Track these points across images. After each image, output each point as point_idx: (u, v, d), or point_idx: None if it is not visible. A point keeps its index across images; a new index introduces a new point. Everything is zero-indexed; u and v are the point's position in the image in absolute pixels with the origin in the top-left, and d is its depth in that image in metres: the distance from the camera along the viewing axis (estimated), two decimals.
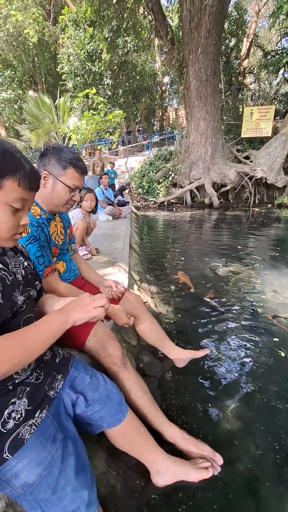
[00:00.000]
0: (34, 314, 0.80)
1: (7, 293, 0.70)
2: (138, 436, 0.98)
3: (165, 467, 1.01)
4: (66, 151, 1.19)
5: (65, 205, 1.25)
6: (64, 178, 1.18)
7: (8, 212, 0.67)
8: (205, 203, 9.89)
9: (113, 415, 0.91)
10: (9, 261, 0.77)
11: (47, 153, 1.20)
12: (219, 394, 1.56)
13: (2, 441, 0.64)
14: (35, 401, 0.73)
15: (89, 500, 0.68)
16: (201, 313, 2.41)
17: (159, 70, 16.90)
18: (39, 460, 0.66)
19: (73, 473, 0.68)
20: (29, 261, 0.90)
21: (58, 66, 14.18)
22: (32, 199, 0.73)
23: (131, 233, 4.47)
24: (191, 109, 9.22)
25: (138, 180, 10.83)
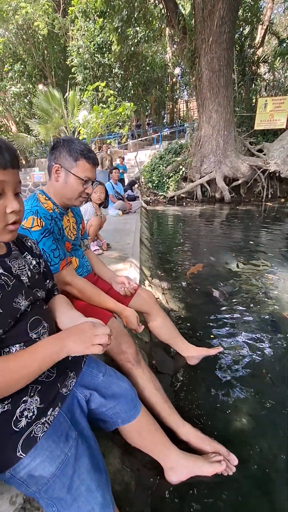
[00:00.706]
0: (41, 316, 0.77)
1: (7, 301, 0.66)
2: (152, 432, 0.98)
3: (179, 463, 1.00)
4: (76, 143, 1.18)
5: (78, 198, 1.23)
6: (76, 170, 1.16)
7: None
8: (216, 197, 9.74)
9: (127, 411, 0.91)
10: (12, 264, 0.73)
11: (58, 146, 1.19)
12: (231, 392, 1.54)
13: (16, 440, 0.64)
14: (47, 399, 0.72)
15: (104, 501, 0.67)
16: (212, 309, 2.38)
17: (170, 61, 16.55)
18: (53, 458, 0.65)
19: (87, 473, 0.67)
20: (39, 259, 0.87)
21: (68, 59, 14.09)
22: (12, 178, 0.63)
23: (142, 228, 4.44)
24: (203, 101, 9.03)
25: (148, 175, 10.74)
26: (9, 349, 0.67)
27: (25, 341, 0.69)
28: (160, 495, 1.01)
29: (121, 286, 1.48)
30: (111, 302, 1.29)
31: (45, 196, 1.23)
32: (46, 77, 17.22)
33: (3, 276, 0.68)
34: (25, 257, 0.80)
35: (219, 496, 1.03)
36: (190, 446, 1.16)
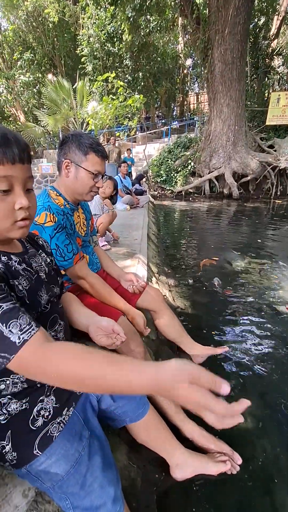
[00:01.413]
0: (58, 314, 0.78)
1: (33, 294, 0.67)
2: (159, 430, 1.00)
3: (184, 461, 1.02)
4: (85, 137, 1.17)
5: (89, 193, 1.23)
6: (86, 164, 1.16)
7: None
8: (224, 193, 9.64)
9: (135, 410, 0.92)
10: (31, 260, 0.74)
11: (67, 141, 1.18)
12: (236, 392, 1.55)
13: (32, 438, 0.66)
14: (62, 399, 0.73)
15: (115, 496, 0.69)
16: (218, 308, 2.38)
17: (182, 52, 16.20)
18: (67, 457, 0.67)
19: (100, 470, 0.69)
20: (52, 256, 0.88)
21: (78, 48, 13.88)
22: (22, 174, 0.60)
23: (149, 223, 4.43)
24: (215, 94, 8.86)
25: (156, 169, 10.65)
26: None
27: None
28: (165, 491, 1.03)
29: (130, 284, 1.49)
30: (121, 302, 1.30)
31: (56, 192, 1.23)
32: (56, 66, 17.04)
33: (26, 271, 0.69)
34: (40, 254, 0.81)
35: (222, 493, 1.05)
36: (195, 444, 1.17)
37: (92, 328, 0.82)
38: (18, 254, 0.70)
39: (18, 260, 0.68)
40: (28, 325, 0.54)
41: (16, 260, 0.67)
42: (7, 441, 0.65)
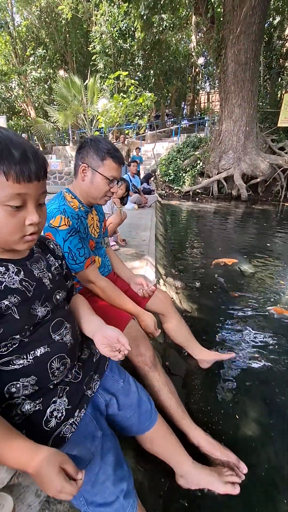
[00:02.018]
0: (63, 317, 0.77)
1: (25, 308, 0.66)
2: (166, 442, 1.00)
3: (191, 474, 1.02)
4: (103, 142, 1.18)
5: (104, 197, 1.25)
6: (103, 170, 1.18)
7: (4, 213, 0.56)
8: (233, 195, 9.56)
9: (142, 423, 0.92)
10: (33, 267, 0.72)
11: (85, 145, 1.20)
12: (241, 398, 1.55)
13: (46, 438, 0.67)
14: (74, 400, 0.75)
15: (127, 490, 0.71)
16: (225, 312, 2.38)
17: (194, 51, 16.06)
18: (80, 457, 0.69)
19: (111, 469, 0.71)
20: (61, 261, 0.86)
21: (90, 45, 13.86)
22: (36, 191, 0.60)
23: (156, 223, 4.43)
24: (226, 94, 8.77)
25: (164, 168, 10.62)
26: (34, 351, 0.68)
27: (48, 343, 0.71)
28: (171, 496, 1.05)
29: (140, 288, 1.50)
30: (131, 305, 1.31)
31: (71, 195, 1.25)
32: (67, 62, 17.06)
33: (24, 282, 0.68)
34: (48, 258, 0.80)
35: (227, 500, 1.06)
36: (200, 450, 1.18)
37: (98, 336, 0.81)
38: (19, 261, 0.69)
39: (16, 270, 0.67)
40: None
41: (14, 271, 0.66)
42: None
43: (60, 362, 0.73)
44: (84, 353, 0.86)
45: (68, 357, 0.75)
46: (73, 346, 0.78)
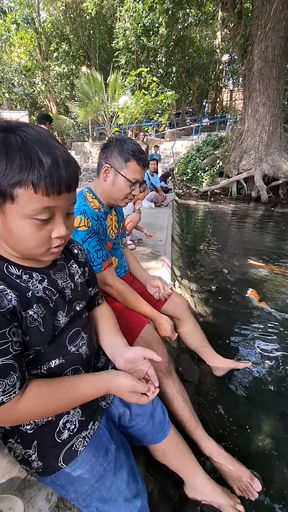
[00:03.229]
0: (80, 327, 0.73)
1: (49, 319, 0.63)
2: (178, 454, 0.96)
3: (201, 487, 0.99)
4: (129, 143, 1.15)
5: (124, 199, 1.22)
6: (125, 172, 1.15)
7: (31, 226, 0.52)
8: (252, 196, 9.31)
9: (154, 434, 0.89)
10: (57, 276, 0.68)
11: (110, 145, 1.17)
12: (256, 410, 1.50)
13: (58, 451, 0.65)
14: (88, 412, 0.72)
15: (142, 506, 0.69)
16: (241, 318, 2.31)
17: (218, 47, 15.71)
18: (92, 472, 0.67)
19: (125, 485, 0.68)
20: (84, 267, 0.81)
21: (113, 41, 13.86)
22: (66, 203, 0.55)
23: (173, 223, 4.38)
24: (251, 92, 8.53)
25: (183, 167, 10.49)
26: (49, 363, 0.65)
27: (64, 355, 0.68)
28: (181, 506, 1.02)
29: (156, 291, 1.47)
30: (148, 308, 1.28)
31: (92, 195, 1.23)
32: (90, 58, 17.16)
33: (47, 291, 0.64)
34: (71, 266, 0.74)
35: None
36: (212, 462, 1.15)
37: (120, 363, 0.76)
38: (43, 270, 0.65)
39: (40, 278, 0.63)
40: (12, 387, 0.53)
41: (37, 279, 0.63)
42: (33, 450, 0.65)
43: (74, 374, 0.70)
44: (100, 360, 0.84)
45: (83, 368, 0.72)
46: (88, 357, 0.74)
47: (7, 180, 0.48)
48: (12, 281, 0.58)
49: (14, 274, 0.59)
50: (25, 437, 0.66)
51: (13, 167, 0.47)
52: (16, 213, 0.51)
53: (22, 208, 0.50)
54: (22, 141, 0.48)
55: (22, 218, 0.51)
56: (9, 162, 0.47)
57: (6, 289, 0.55)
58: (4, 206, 0.50)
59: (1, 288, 0.55)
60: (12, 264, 0.59)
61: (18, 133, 0.49)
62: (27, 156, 0.47)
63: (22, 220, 0.51)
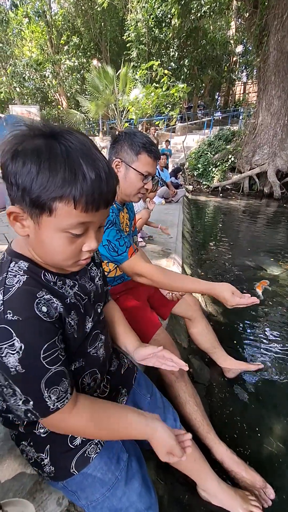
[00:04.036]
0: (99, 329, 0.72)
1: (81, 326, 0.63)
2: (189, 460, 0.93)
3: (214, 491, 0.97)
4: (139, 136, 1.12)
5: (137, 194, 1.19)
6: (137, 165, 1.11)
7: (64, 240, 0.51)
8: (265, 192, 9.10)
9: None
10: (82, 281, 0.67)
11: (119, 139, 1.13)
12: (268, 414, 1.46)
13: (70, 457, 0.65)
14: None
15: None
16: (254, 319, 2.26)
17: (232, 38, 15.27)
18: (103, 480, 0.65)
19: (136, 495, 0.67)
20: (100, 268, 0.80)
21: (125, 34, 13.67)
22: (101, 218, 0.53)
23: (183, 220, 4.32)
24: (265, 85, 8.27)
25: (194, 161, 10.33)
26: (70, 366, 0.64)
27: (84, 358, 0.67)
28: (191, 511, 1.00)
29: (168, 291, 1.44)
30: (194, 283, 1.07)
31: None
32: (101, 51, 17.01)
33: (78, 296, 0.63)
34: (91, 268, 0.74)
35: None
36: (223, 467, 1.13)
37: (138, 358, 0.82)
38: (72, 276, 0.64)
39: (72, 283, 0.62)
40: (65, 392, 0.54)
41: (69, 285, 0.62)
42: (45, 454, 0.65)
43: (91, 377, 0.69)
44: (113, 364, 0.83)
45: (99, 372, 0.72)
46: (104, 359, 0.74)
47: (48, 193, 0.45)
48: (52, 289, 0.57)
49: (51, 282, 0.58)
50: (38, 440, 0.66)
51: (56, 180, 0.44)
52: (51, 225, 0.49)
53: (59, 221, 0.48)
54: (66, 152, 0.45)
55: (56, 231, 0.49)
56: (52, 174, 0.44)
57: (52, 298, 0.55)
58: (40, 217, 0.48)
59: (48, 297, 0.54)
60: (47, 271, 0.58)
61: (62, 141, 0.46)
62: (71, 170, 0.45)
63: (56, 233, 0.50)
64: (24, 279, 0.52)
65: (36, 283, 0.54)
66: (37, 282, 0.54)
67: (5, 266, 0.54)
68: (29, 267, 0.55)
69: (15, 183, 0.46)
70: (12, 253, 0.57)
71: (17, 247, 0.57)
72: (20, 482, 0.71)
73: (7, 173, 0.46)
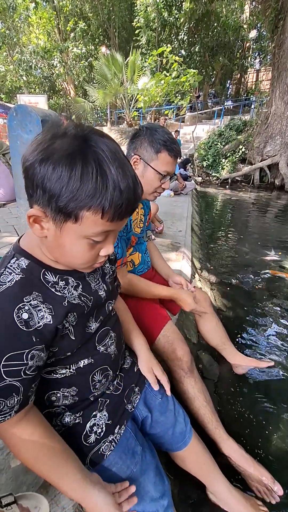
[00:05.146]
0: (110, 326, 0.72)
1: (81, 327, 0.62)
2: (199, 463, 0.93)
3: (223, 496, 0.96)
4: (160, 132, 1.07)
5: (153, 193, 1.16)
6: (156, 163, 1.07)
7: (85, 246, 0.50)
8: (275, 184, 8.90)
9: (174, 443, 0.87)
10: (91, 279, 0.66)
11: (140, 134, 1.09)
12: (277, 411, 1.45)
13: (85, 454, 0.65)
14: (115, 415, 0.72)
15: (167, 505, 0.69)
16: (264, 315, 2.23)
17: (246, 22, 14.66)
18: (119, 474, 0.66)
19: (152, 486, 0.68)
20: (114, 264, 0.79)
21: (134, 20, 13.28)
22: (122, 225, 0.53)
23: (193, 213, 4.26)
24: (280, 72, 7.97)
25: (203, 152, 10.11)
26: (78, 363, 0.64)
27: (93, 355, 0.67)
28: (200, 506, 1.01)
29: (179, 287, 1.42)
30: (162, 289, 1.23)
31: None
32: (110, 38, 16.59)
33: (82, 297, 0.62)
34: (104, 265, 0.72)
35: None
36: (231, 462, 1.13)
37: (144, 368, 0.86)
38: (78, 273, 0.62)
39: (75, 284, 0.61)
40: (10, 408, 0.50)
41: (73, 285, 0.60)
42: None
43: (102, 374, 0.69)
44: (126, 362, 0.83)
45: (111, 369, 0.71)
46: (116, 357, 0.73)
47: (76, 203, 0.44)
48: (47, 290, 0.55)
49: (50, 282, 0.56)
50: None
51: (87, 190, 0.43)
52: (74, 232, 0.48)
53: (83, 229, 0.47)
54: (98, 160, 0.43)
55: (79, 238, 0.49)
56: (82, 184, 0.42)
57: (39, 304, 0.52)
58: (64, 224, 0.47)
59: (35, 303, 0.52)
60: (49, 270, 0.56)
61: (94, 148, 0.44)
62: (103, 180, 0.43)
63: (78, 240, 0.49)
64: (18, 279, 0.51)
65: (29, 285, 0.52)
66: (31, 284, 0.53)
67: (6, 262, 0.54)
68: (29, 266, 0.54)
69: (42, 186, 0.44)
70: (16, 248, 0.56)
71: (23, 243, 0.56)
72: (34, 476, 0.71)
73: (33, 175, 0.45)
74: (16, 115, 1.70)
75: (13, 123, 1.76)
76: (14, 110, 1.72)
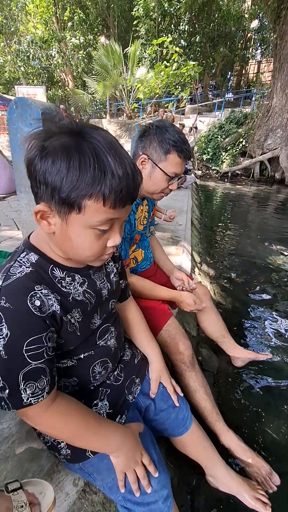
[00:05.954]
0: (110, 322, 0.75)
1: (86, 324, 0.64)
2: (199, 446, 0.97)
3: (222, 477, 0.99)
4: (170, 131, 1.04)
5: (160, 194, 1.14)
6: (164, 165, 1.05)
7: (91, 236, 0.52)
8: (276, 178, 8.86)
9: (175, 429, 0.90)
10: (95, 277, 0.67)
11: (149, 133, 1.06)
12: (275, 402, 1.48)
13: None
14: (115, 405, 0.73)
15: (167, 495, 0.71)
16: (263, 308, 2.25)
17: (248, 12, 14.35)
18: None
19: (151, 476, 0.69)
20: (118, 262, 0.81)
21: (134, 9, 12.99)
22: (126, 213, 0.54)
23: (192, 207, 4.25)
24: (282, 64, 7.85)
25: (203, 145, 10.02)
26: (79, 355, 0.67)
27: (93, 349, 0.69)
28: (199, 493, 1.04)
29: (180, 283, 1.43)
30: (164, 292, 1.25)
31: None
32: (109, 28, 16.25)
33: (87, 294, 0.64)
34: (108, 263, 0.74)
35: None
36: (231, 454, 1.15)
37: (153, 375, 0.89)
38: (84, 270, 0.64)
39: (82, 281, 0.63)
40: (41, 390, 0.53)
41: (79, 282, 0.62)
42: None
43: (102, 366, 0.71)
44: (126, 354, 0.84)
45: (111, 361, 0.73)
46: (116, 349, 0.75)
47: (77, 192, 0.46)
48: (54, 285, 0.57)
49: (58, 277, 0.58)
50: None
51: (86, 179, 0.45)
52: (79, 223, 0.50)
53: (88, 219, 0.49)
54: (94, 150, 0.45)
55: (85, 228, 0.50)
56: (81, 173, 0.45)
57: (49, 293, 0.55)
58: (68, 215, 0.49)
59: (45, 292, 0.54)
60: (57, 266, 0.58)
61: (89, 139, 0.46)
62: (101, 168, 0.45)
63: (84, 230, 0.51)
64: (28, 271, 0.53)
65: (39, 277, 0.55)
66: (40, 277, 0.55)
67: (16, 255, 0.56)
68: (38, 261, 0.56)
69: (44, 181, 0.46)
70: (26, 244, 0.58)
71: (33, 239, 0.59)
72: (38, 464, 0.73)
73: (35, 172, 0.47)
74: (16, 108, 1.68)
75: (13, 116, 1.74)
76: (14, 103, 1.69)
